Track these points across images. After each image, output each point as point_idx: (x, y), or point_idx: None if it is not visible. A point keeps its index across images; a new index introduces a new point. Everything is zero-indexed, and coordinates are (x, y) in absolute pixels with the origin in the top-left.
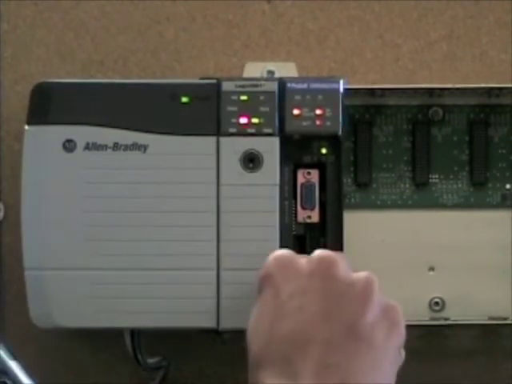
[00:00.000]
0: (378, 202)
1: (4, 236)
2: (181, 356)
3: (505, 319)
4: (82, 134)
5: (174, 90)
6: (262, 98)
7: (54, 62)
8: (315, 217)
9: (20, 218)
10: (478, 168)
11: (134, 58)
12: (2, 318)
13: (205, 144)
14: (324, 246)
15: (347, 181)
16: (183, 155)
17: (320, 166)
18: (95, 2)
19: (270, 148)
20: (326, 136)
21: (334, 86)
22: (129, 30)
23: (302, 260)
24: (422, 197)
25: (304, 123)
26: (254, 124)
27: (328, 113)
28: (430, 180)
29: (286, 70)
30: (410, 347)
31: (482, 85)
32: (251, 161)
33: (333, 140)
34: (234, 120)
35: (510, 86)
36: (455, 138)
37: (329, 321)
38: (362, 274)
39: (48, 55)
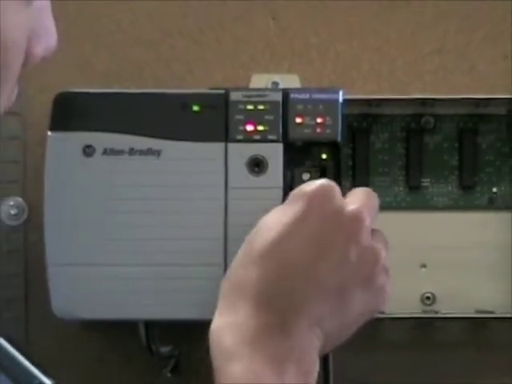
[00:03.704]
0: None
1: (28, 235)
2: (191, 345)
3: (491, 313)
4: (101, 140)
5: (186, 100)
6: (267, 107)
7: (75, 73)
8: None
9: (43, 217)
10: (466, 173)
11: (149, 70)
12: (27, 310)
13: (214, 150)
14: None
15: (346, 184)
16: (194, 160)
17: (320, 170)
18: (112, 17)
19: (274, 153)
20: (326, 142)
21: (333, 96)
22: (143, 43)
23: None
24: (415, 199)
25: (306, 130)
26: (260, 131)
27: (328, 121)
28: (422, 183)
29: (290, 81)
30: (404, 338)
31: (471, 96)
32: (257, 165)
33: (332, 146)
34: (241, 127)
35: (497, 97)
36: (446, 145)
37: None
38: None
39: (69, 67)
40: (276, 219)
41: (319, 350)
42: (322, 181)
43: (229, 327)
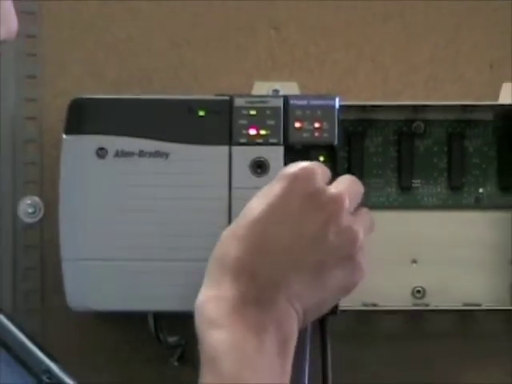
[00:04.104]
0: (369, 203)
1: (44, 231)
2: (196, 335)
3: (478, 305)
4: (113, 142)
5: (192, 105)
6: (268, 112)
7: (88, 80)
8: None
9: (58, 215)
10: (454, 174)
11: (157, 77)
12: (42, 302)
13: (219, 152)
14: None
15: None
16: (200, 161)
17: None
18: (123, 28)
19: (275, 156)
20: (323, 146)
21: (330, 102)
22: (152, 51)
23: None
24: (406, 199)
25: (305, 134)
26: (262, 135)
27: (325, 126)
28: (413, 184)
29: (289, 88)
30: (395, 329)
31: (459, 102)
32: (259, 167)
33: (329, 149)
34: (244, 131)
35: (483, 103)
36: (435, 149)
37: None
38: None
39: (82, 74)
40: (259, 199)
41: (298, 323)
42: (306, 163)
43: (212, 299)
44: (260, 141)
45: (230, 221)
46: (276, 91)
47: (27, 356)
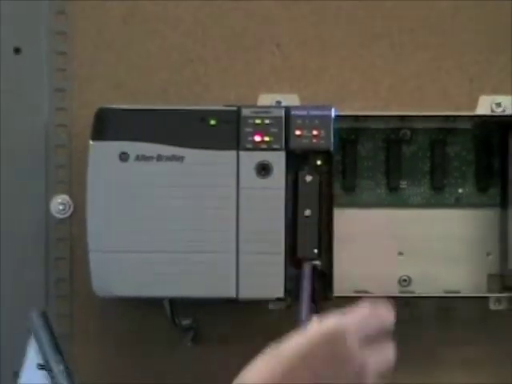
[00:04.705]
0: (360, 202)
1: (73, 226)
2: (207, 318)
3: (457, 293)
4: (134, 147)
5: (204, 115)
6: (272, 121)
7: (111, 92)
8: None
9: (85, 212)
10: (437, 176)
11: (173, 89)
12: (71, 289)
13: (228, 156)
14: (319, 237)
15: (336, 186)
16: (211, 165)
17: (316, 173)
18: (142, 45)
19: (277, 160)
20: (320, 151)
21: (327, 112)
22: (169, 66)
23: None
24: (394, 198)
25: (304, 141)
26: (266, 141)
27: (322, 133)
28: (400, 185)
29: (291, 100)
30: None
31: (441, 113)
32: (263, 169)
33: (326, 154)
34: (250, 138)
35: (463, 114)
36: (420, 154)
37: None
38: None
39: (106, 87)
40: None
41: None
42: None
43: None
44: (264, 146)
45: (237, 217)
46: (279, 102)
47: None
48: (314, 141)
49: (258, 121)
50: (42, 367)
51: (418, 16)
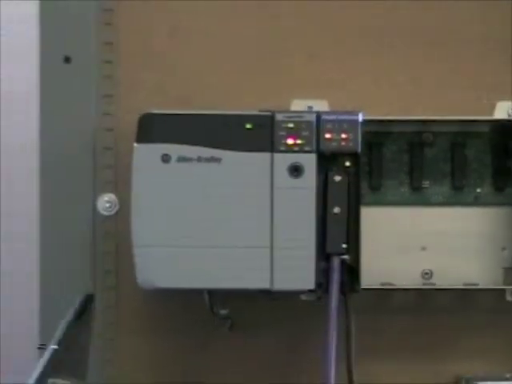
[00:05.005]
0: (386, 201)
1: (119, 222)
2: (243, 308)
3: (475, 285)
4: (175, 149)
5: (241, 119)
6: (303, 125)
7: (154, 98)
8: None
9: (130, 209)
10: (457, 177)
11: (212, 96)
12: (117, 281)
13: (262, 158)
14: (347, 233)
15: (363, 185)
16: (247, 166)
17: (344, 174)
18: (184, 54)
19: (309, 161)
20: (348, 153)
21: (354, 117)
22: (208, 74)
23: None
24: (417, 197)
25: (333, 144)
26: (298, 144)
27: (350, 136)
28: (423, 185)
29: (321, 105)
30: (407, 306)
31: (461, 117)
32: (296, 170)
33: (353, 156)
34: (283, 141)
35: (481, 118)
36: (441, 156)
37: None
38: None
39: (150, 93)
40: None
41: None
42: None
43: None
44: (296, 149)
45: (271, 214)
46: (310, 108)
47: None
48: (343, 143)
49: (290, 125)
50: (41, 346)
51: (439, 29)
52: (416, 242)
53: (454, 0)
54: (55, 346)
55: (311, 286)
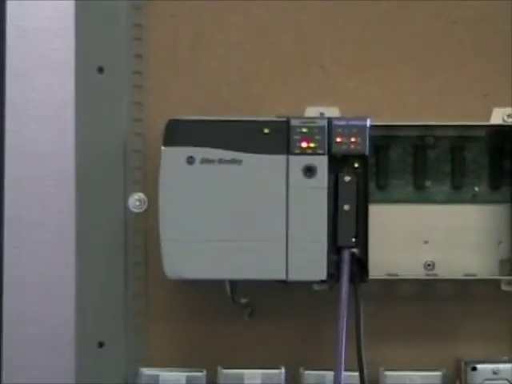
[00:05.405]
0: (392, 199)
1: (148, 219)
2: (262, 297)
3: (474, 276)
4: (199, 152)
5: (259, 125)
6: (316, 130)
7: (180, 105)
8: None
9: (158, 207)
10: (457, 177)
11: (233, 103)
12: (146, 272)
13: (279, 160)
14: (356, 228)
15: (371, 184)
16: (265, 167)
17: (354, 174)
18: (206, 65)
19: (321, 163)
20: (357, 155)
21: (363, 122)
22: (229, 84)
23: None
24: (420, 196)
25: (344, 147)
26: (311, 147)
27: (359, 140)
28: (425, 184)
29: (332, 112)
30: (411, 294)
31: (460, 123)
32: (309, 171)
33: (362, 158)
34: (298, 144)
35: (478, 123)
36: (442, 158)
37: None
38: None
39: (176, 101)
40: None
41: None
42: None
43: None
44: (310, 151)
45: (287, 211)
46: (322, 114)
47: None
48: (352, 146)
49: (304, 130)
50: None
51: (439, 41)
52: (419, 236)
53: (461, 11)
54: None
55: (323, 276)
